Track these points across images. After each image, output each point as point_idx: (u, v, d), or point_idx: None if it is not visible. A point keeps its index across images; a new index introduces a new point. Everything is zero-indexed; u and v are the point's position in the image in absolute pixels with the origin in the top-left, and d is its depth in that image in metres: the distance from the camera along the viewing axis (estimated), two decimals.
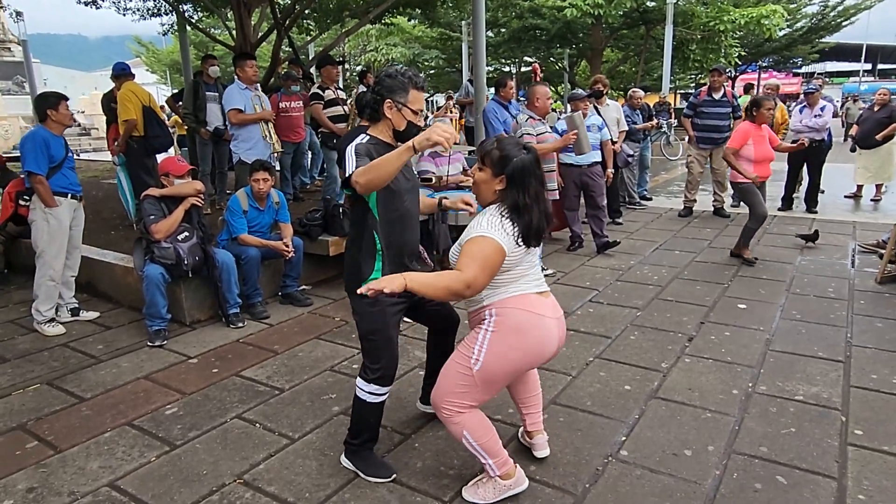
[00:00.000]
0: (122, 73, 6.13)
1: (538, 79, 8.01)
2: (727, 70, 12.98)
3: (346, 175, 2.31)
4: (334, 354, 3.83)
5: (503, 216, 2.19)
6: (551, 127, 5.61)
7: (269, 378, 3.55)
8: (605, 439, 2.84)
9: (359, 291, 2.05)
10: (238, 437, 2.93)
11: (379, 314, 2.50)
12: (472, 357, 2.26)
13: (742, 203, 5.39)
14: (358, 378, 2.57)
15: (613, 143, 6.89)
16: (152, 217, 4.03)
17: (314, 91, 6.63)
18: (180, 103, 7.21)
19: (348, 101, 6.66)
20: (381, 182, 2.22)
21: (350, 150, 2.36)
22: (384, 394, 2.56)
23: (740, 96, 8.09)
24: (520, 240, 2.18)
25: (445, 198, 2.80)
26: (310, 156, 8.14)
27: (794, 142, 6.23)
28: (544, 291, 2.35)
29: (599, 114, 6.82)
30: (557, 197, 5.43)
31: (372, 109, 2.46)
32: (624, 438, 2.84)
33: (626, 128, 7.28)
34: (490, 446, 2.35)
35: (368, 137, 2.44)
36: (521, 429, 2.79)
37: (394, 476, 2.59)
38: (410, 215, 2.54)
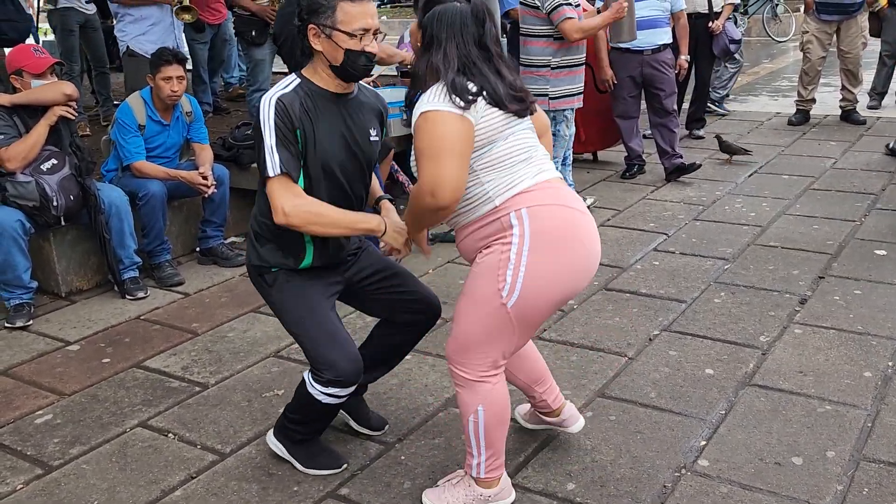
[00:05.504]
0: None
1: None
2: None
3: (261, 174, 2.44)
4: (280, 334, 3.85)
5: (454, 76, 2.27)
6: None
7: (185, 369, 3.58)
8: (676, 445, 2.88)
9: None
10: (143, 452, 2.97)
11: (296, 295, 2.61)
12: (501, 287, 2.27)
13: None
14: (308, 373, 2.65)
15: (713, 17, 6.76)
16: (1, 137, 3.98)
17: None
18: None
19: None
20: (319, 234, 2.53)
21: (266, 115, 2.42)
22: (346, 396, 2.65)
23: None
24: (490, 102, 2.26)
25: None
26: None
27: None
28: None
29: None
30: (580, 104, 5.33)
31: (301, 44, 2.52)
32: (704, 443, 2.88)
33: None
34: (496, 440, 2.45)
35: (299, 82, 2.50)
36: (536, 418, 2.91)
37: (344, 465, 2.78)
38: (349, 197, 2.62)
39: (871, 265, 4.39)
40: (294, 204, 2.42)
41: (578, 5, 5.03)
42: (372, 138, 2.64)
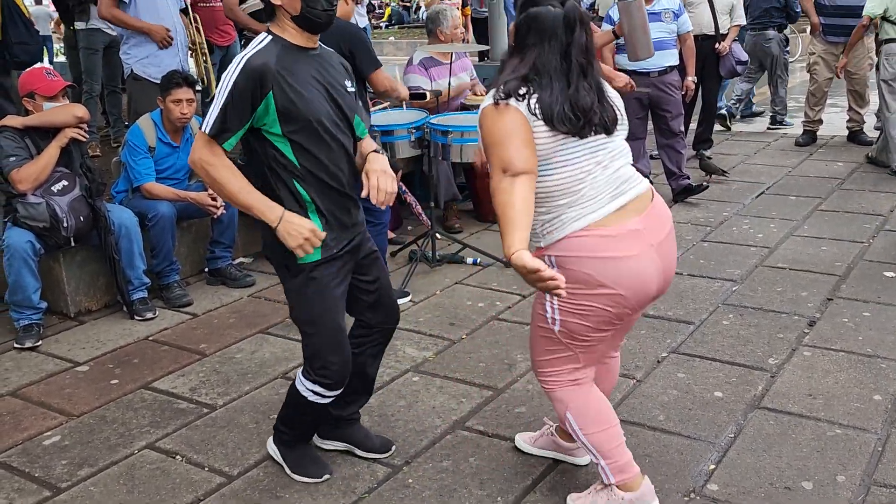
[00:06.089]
0: None
1: None
2: None
3: (201, 127, 2.50)
4: (287, 355, 3.87)
5: (517, 78, 2.30)
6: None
7: (193, 391, 3.59)
8: (685, 468, 2.87)
9: (556, 292, 2.17)
10: (150, 475, 2.97)
11: (316, 294, 2.61)
12: (546, 314, 2.46)
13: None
14: (299, 371, 2.75)
15: (719, 39, 6.80)
16: (13, 159, 4.02)
17: None
18: None
19: None
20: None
21: (231, 73, 2.44)
22: (331, 397, 2.73)
23: None
24: (542, 117, 2.28)
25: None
26: None
27: None
28: (633, 199, 2.37)
29: None
30: None
31: (264, 2, 2.56)
32: (713, 466, 2.87)
33: (744, 20, 7.16)
34: (602, 442, 2.50)
35: (271, 38, 2.53)
36: (557, 425, 2.90)
37: (326, 477, 2.85)
38: (341, 146, 2.62)
39: (880, 287, 4.37)
40: (203, 158, 2.49)
41: None
42: (349, 90, 2.65)
